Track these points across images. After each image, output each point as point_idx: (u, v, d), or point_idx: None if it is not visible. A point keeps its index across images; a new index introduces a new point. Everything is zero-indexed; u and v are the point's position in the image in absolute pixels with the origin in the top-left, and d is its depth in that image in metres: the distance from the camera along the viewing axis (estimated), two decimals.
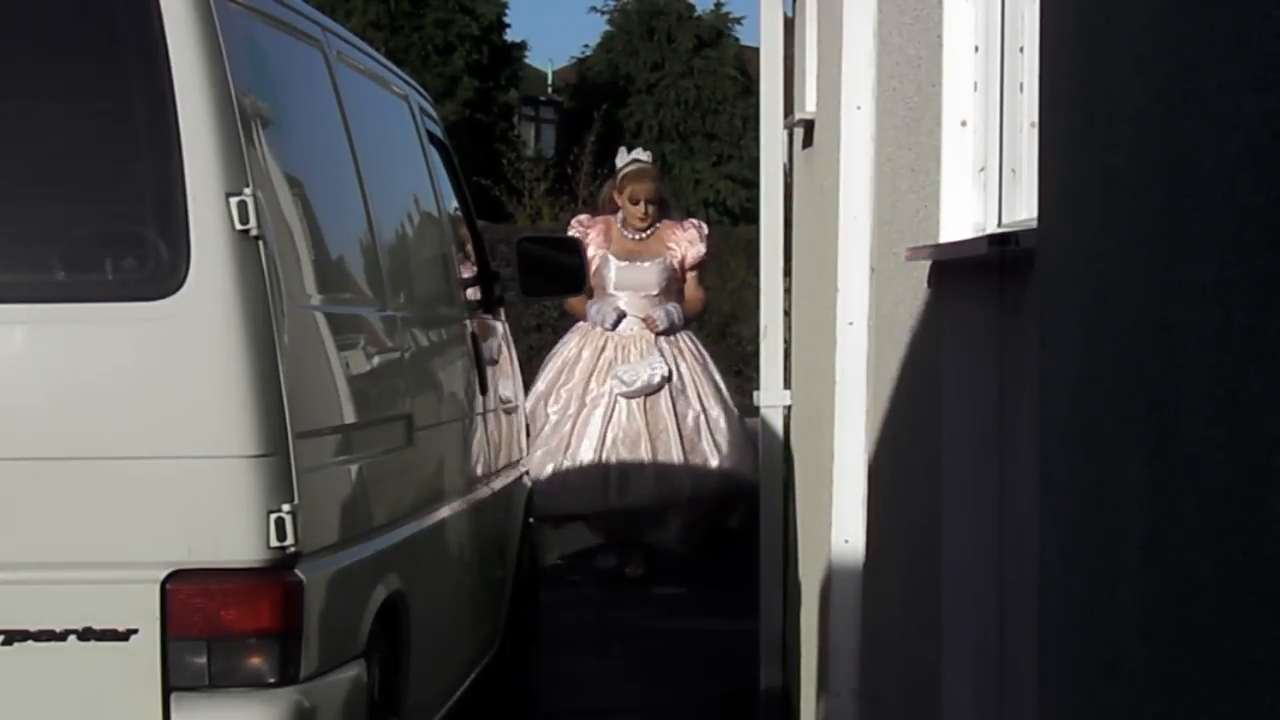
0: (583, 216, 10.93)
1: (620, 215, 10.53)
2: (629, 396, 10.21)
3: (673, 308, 10.44)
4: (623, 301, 10.40)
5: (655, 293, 10.44)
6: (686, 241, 10.57)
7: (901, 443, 4.72)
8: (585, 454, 10.22)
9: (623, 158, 10.78)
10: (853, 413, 5.31)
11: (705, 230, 10.84)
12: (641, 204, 10.49)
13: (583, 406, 10.29)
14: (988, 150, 3.96)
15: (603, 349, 10.42)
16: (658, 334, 10.39)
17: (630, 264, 10.42)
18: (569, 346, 10.59)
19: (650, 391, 10.25)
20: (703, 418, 10.32)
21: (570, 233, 10.12)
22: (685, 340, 10.55)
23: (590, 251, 9.98)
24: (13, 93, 4.27)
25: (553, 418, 10.33)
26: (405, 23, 31.20)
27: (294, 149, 4.77)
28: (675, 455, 10.22)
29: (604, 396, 10.27)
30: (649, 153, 11.14)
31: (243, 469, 4.12)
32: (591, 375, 10.32)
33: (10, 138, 4.26)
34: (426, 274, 6.24)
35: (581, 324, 10.64)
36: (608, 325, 10.39)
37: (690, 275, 10.65)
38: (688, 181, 32.45)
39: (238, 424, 4.11)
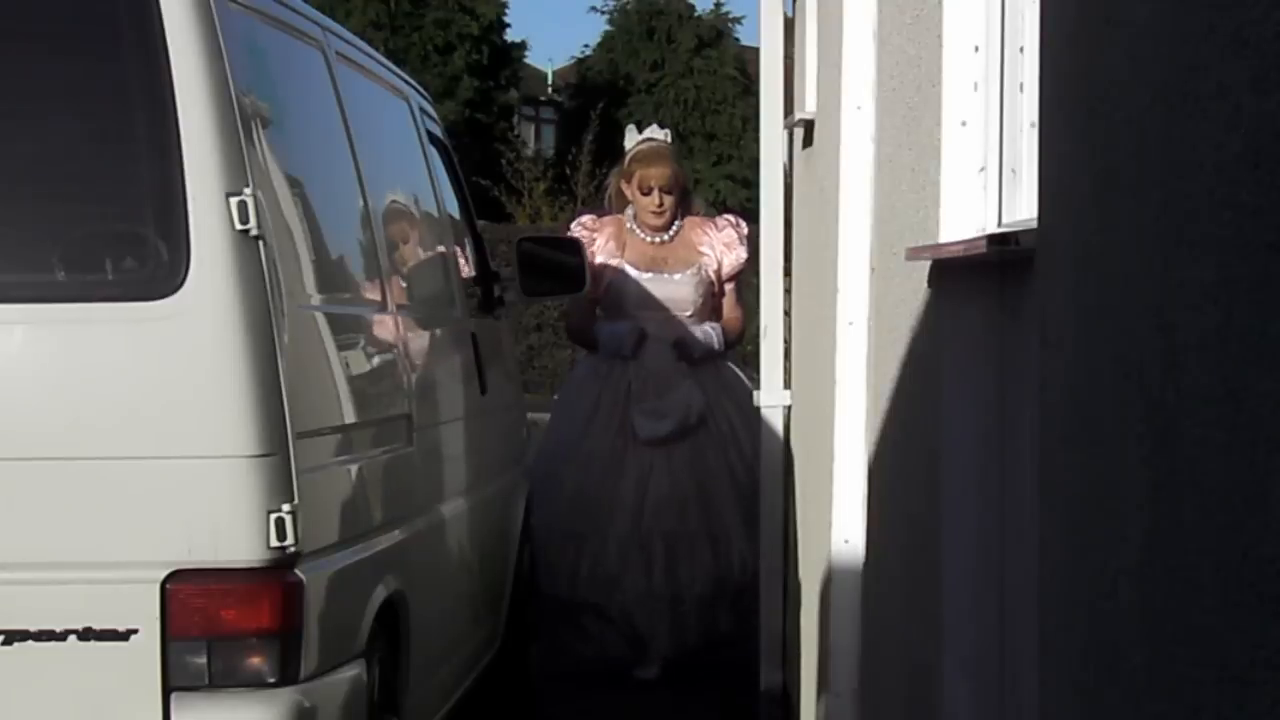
0: (586, 217, 8.55)
1: (631, 212, 8.32)
2: (657, 443, 7.98)
3: (711, 328, 8.20)
4: (646, 325, 8.15)
5: (689, 313, 8.18)
6: (723, 244, 8.29)
7: (901, 443, 4.72)
8: (618, 531, 8.01)
9: (631, 137, 8.49)
10: (853, 413, 5.31)
11: (745, 230, 8.38)
12: (655, 193, 8.20)
13: (610, 469, 8.04)
14: (988, 150, 3.96)
15: (626, 391, 8.10)
16: (694, 363, 8.14)
17: (655, 276, 8.17)
18: (584, 397, 8.19)
19: (684, 435, 8.02)
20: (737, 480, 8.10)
21: (578, 235, 8.19)
22: (730, 372, 8.37)
23: (600, 260, 8.10)
24: (13, 93, 4.28)
25: (570, 487, 8.05)
26: (405, 23, 31.25)
27: (294, 149, 4.77)
28: (730, 521, 8.04)
29: (636, 455, 8.04)
30: (666, 130, 8.69)
31: (243, 469, 4.12)
32: (619, 429, 8.07)
33: (11, 138, 4.26)
34: (426, 274, 6.24)
35: (587, 360, 8.43)
36: (627, 352, 8.06)
37: (728, 288, 8.35)
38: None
39: (238, 424, 4.11)
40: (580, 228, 8.35)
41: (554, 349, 20.40)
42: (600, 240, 8.21)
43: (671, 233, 8.28)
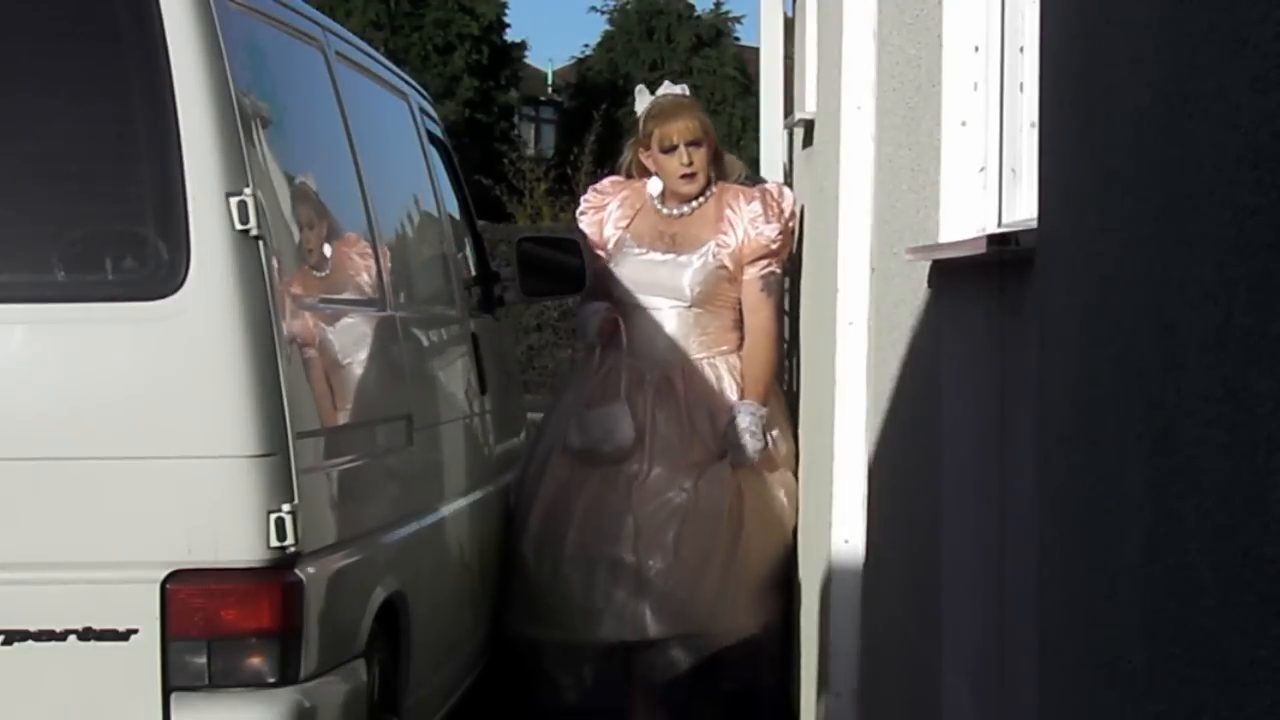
0: (607, 181, 7.08)
1: (658, 188, 6.81)
2: (581, 458, 6.55)
3: (748, 414, 6.52)
4: (637, 311, 6.69)
5: (686, 304, 6.63)
6: (747, 219, 6.60)
7: (901, 443, 4.72)
8: (610, 561, 6.49)
9: (643, 99, 6.91)
10: (853, 413, 5.31)
11: (789, 201, 6.73)
12: (681, 150, 6.64)
13: (606, 484, 6.55)
14: (988, 150, 3.96)
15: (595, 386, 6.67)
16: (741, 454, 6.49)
17: (653, 255, 6.69)
18: (562, 393, 7.01)
19: (593, 460, 6.53)
20: (735, 511, 6.54)
21: (583, 205, 7.05)
22: (737, 382, 6.68)
23: (608, 231, 6.84)
24: (13, 93, 4.28)
25: (527, 496, 6.71)
26: (405, 23, 31.27)
27: (294, 149, 4.77)
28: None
29: (641, 466, 6.54)
30: (683, 86, 7.09)
31: (243, 469, 4.12)
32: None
33: (11, 137, 4.26)
34: (426, 274, 6.24)
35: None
36: (591, 338, 6.70)
37: (749, 275, 6.64)
38: None
39: (238, 424, 4.11)
40: (594, 193, 6.98)
41: (554, 349, 20.41)
42: (613, 204, 6.86)
43: (697, 203, 6.71)
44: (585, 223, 6.94)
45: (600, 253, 6.85)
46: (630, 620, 6.48)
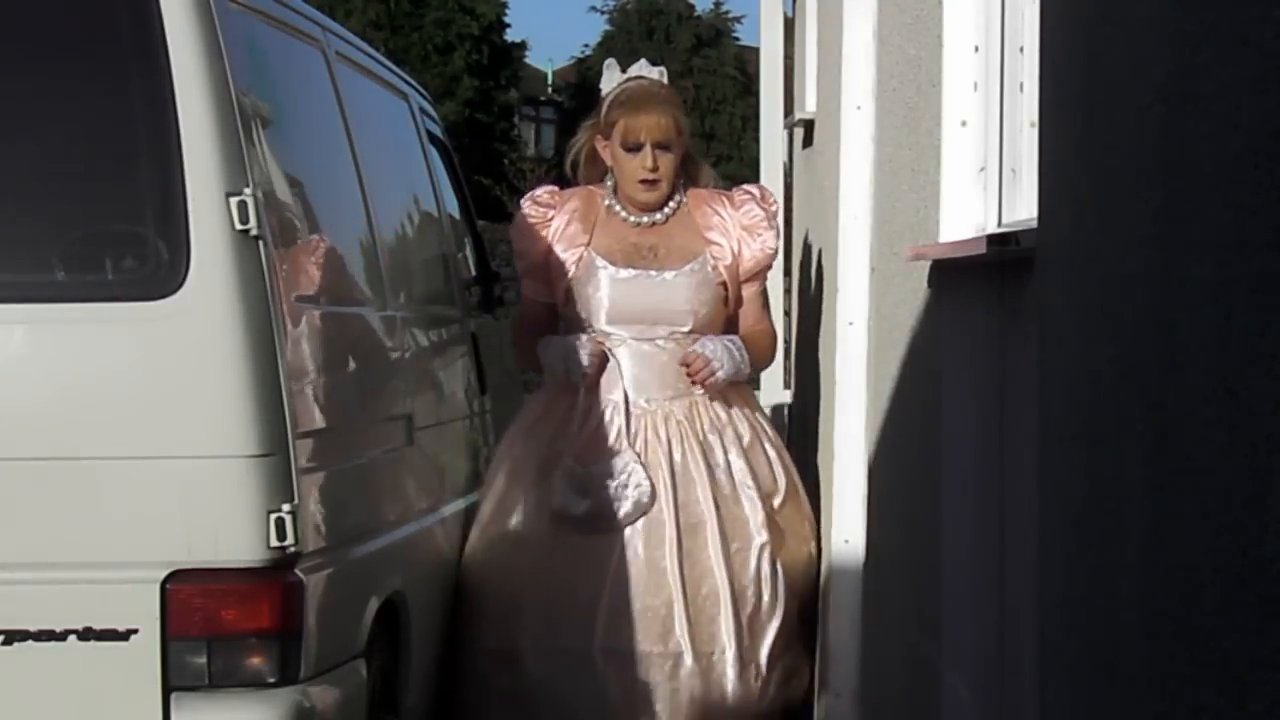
0: (543, 190, 5.95)
1: (612, 185, 5.85)
2: (583, 526, 5.59)
3: (730, 344, 5.64)
4: (625, 345, 5.73)
5: (688, 327, 5.72)
6: (741, 228, 5.75)
7: (901, 443, 4.72)
8: (563, 645, 5.59)
9: (612, 77, 5.93)
10: (853, 413, 5.31)
11: (776, 205, 5.88)
12: (646, 151, 5.70)
13: (548, 553, 5.65)
14: (988, 150, 3.96)
15: (574, 437, 5.70)
16: (709, 389, 5.65)
17: (638, 274, 5.73)
18: (522, 445, 5.83)
19: (608, 525, 5.57)
20: (767, 575, 5.61)
21: (525, 214, 5.93)
22: (747, 418, 5.77)
23: (560, 251, 5.82)
24: (13, 93, 4.28)
25: (497, 580, 5.72)
26: (405, 23, 31.28)
27: (294, 149, 4.77)
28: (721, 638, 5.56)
29: (583, 535, 5.61)
30: (661, 69, 6.01)
31: (243, 469, 4.12)
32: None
33: (11, 137, 4.26)
34: (426, 274, 6.24)
35: (541, 390, 6.00)
36: (577, 376, 5.66)
37: (749, 292, 5.81)
38: None
39: (238, 424, 4.11)
40: (532, 205, 5.88)
41: None
42: (559, 221, 5.82)
43: (667, 211, 5.80)
44: (527, 243, 5.94)
45: (536, 282, 5.95)
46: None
